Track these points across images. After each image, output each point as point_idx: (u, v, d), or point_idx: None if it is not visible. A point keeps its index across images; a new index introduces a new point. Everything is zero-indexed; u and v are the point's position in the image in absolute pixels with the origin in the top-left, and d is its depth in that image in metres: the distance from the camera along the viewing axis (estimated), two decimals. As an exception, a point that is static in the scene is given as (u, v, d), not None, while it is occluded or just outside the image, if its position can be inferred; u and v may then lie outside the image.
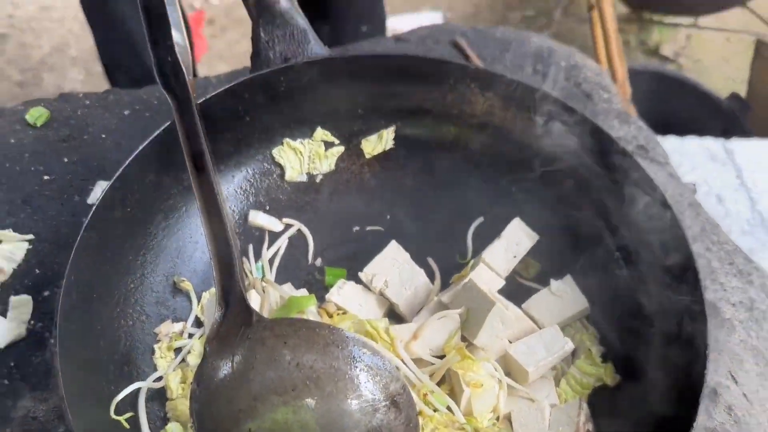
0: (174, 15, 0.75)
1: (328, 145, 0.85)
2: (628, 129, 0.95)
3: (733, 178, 1.33)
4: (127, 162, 0.68)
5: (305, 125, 0.84)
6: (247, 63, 0.85)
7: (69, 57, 2.96)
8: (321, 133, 0.85)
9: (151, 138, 0.71)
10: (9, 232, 0.81)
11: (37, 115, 0.96)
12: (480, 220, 0.83)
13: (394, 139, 0.86)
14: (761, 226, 1.24)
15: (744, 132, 1.72)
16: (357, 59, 0.79)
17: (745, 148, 1.41)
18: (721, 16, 2.43)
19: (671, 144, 1.36)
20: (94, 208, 0.66)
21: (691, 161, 1.34)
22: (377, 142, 0.86)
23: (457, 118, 0.82)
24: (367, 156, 0.86)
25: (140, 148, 0.70)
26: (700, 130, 1.74)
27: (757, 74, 1.80)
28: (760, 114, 1.75)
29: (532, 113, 0.76)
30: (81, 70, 2.87)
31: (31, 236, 0.81)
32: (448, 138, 0.84)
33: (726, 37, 2.57)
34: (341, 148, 0.86)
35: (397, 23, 2.59)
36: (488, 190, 0.83)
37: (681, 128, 1.77)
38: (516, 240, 0.78)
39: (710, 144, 1.38)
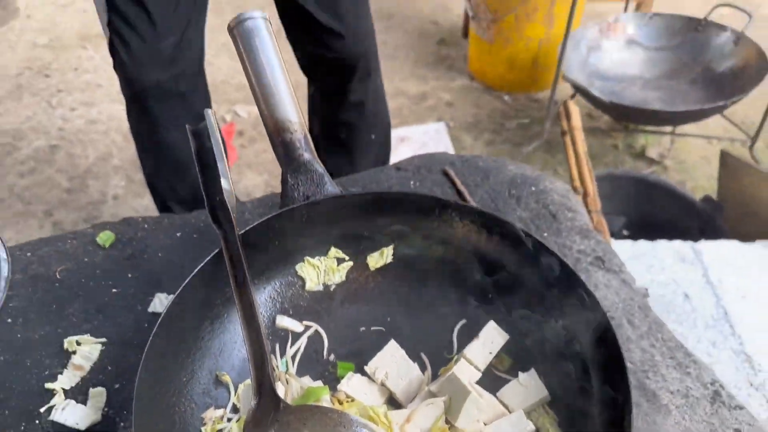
0: (222, 166, 0.97)
1: (340, 260, 1.04)
2: (588, 243, 1.14)
3: (699, 277, 1.50)
4: (184, 284, 0.88)
5: (322, 246, 1.03)
6: (273, 171, 1.04)
7: (112, 166, 3.24)
8: (334, 252, 1.04)
9: (202, 263, 0.91)
10: (87, 336, 1.00)
11: (105, 238, 1.19)
12: (463, 322, 1.00)
13: (393, 255, 1.04)
14: (724, 319, 1.39)
15: (718, 232, 1.90)
16: (362, 196, 1.00)
17: (711, 248, 1.58)
18: (701, 122, 2.68)
19: (643, 247, 1.55)
20: (159, 320, 0.84)
21: (661, 262, 1.52)
22: (379, 258, 1.05)
23: (443, 240, 1.01)
24: (372, 269, 1.04)
25: (194, 272, 0.90)
26: (680, 230, 1.93)
27: (724, 181, 2.00)
28: (732, 215, 1.94)
29: (499, 237, 0.96)
30: (123, 177, 3.14)
31: (104, 339, 1.00)
32: (437, 256, 1.02)
33: (707, 140, 2.81)
34: (350, 263, 1.04)
35: (406, 132, 2.88)
36: (469, 297, 1.00)
37: (662, 228, 1.96)
38: (491, 339, 0.96)
39: (679, 246, 1.56)
